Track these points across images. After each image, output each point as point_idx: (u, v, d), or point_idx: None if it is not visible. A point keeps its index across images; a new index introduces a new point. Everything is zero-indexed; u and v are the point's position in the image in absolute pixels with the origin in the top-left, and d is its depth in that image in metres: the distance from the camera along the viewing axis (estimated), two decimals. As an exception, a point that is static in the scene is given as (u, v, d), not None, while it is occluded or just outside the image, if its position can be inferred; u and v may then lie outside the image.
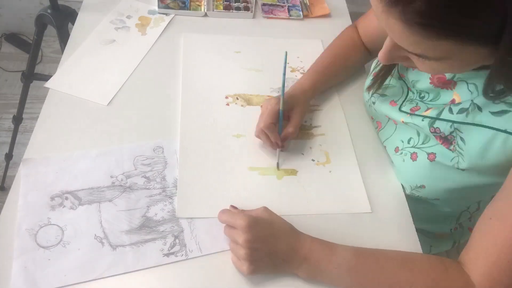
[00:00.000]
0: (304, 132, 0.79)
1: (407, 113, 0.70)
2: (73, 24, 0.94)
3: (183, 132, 0.75)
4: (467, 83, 0.62)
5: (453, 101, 0.64)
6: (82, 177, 0.68)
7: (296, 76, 0.89)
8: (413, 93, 0.72)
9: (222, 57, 0.91)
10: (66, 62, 0.85)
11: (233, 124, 0.78)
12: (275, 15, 1.03)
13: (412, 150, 0.70)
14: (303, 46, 0.96)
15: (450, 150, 0.63)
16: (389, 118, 0.75)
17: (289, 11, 1.04)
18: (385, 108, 0.74)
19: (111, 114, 0.77)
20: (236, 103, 0.82)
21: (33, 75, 1.24)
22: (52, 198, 0.65)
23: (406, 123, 0.70)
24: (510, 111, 0.56)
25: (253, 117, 0.77)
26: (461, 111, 0.61)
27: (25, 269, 0.57)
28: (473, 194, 0.72)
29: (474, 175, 0.62)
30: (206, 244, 0.62)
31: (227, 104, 0.82)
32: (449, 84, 0.66)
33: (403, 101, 0.72)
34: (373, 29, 0.83)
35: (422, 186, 0.69)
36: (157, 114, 0.78)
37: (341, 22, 1.04)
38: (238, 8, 1.02)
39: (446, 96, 0.66)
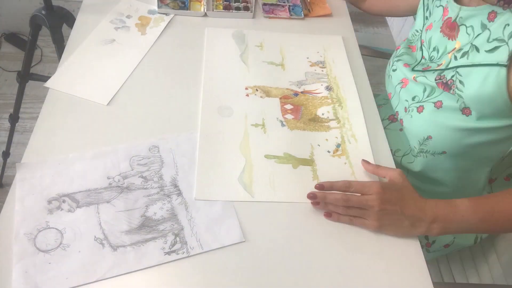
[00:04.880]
0: (321, 124, 0.81)
1: (419, 71, 0.76)
2: (68, 25, 0.93)
3: (204, 120, 0.78)
4: (466, 27, 0.69)
5: (455, 49, 0.71)
6: (79, 179, 0.67)
7: (315, 70, 0.91)
8: (425, 59, 0.80)
9: (242, 50, 0.93)
10: (66, 62, 0.84)
11: (252, 114, 0.80)
12: (276, 14, 1.03)
13: (418, 104, 0.76)
14: (323, 42, 0.98)
15: (451, 94, 0.69)
16: (400, 87, 0.82)
17: (289, 10, 1.04)
18: (400, 69, 0.82)
19: (111, 114, 0.77)
20: (255, 94, 0.84)
21: (29, 75, 1.23)
22: (49, 202, 0.64)
23: (416, 80, 0.76)
24: (501, 45, 0.62)
25: (271, 108, 0.82)
26: (463, 54, 0.68)
27: (25, 274, 0.57)
28: (478, 149, 0.73)
29: (474, 119, 0.67)
30: (207, 241, 0.62)
31: (247, 95, 0.84)
32: (453, 30, 0.72)
33: (416, 65, 0.81)
34: None
35: (429, 137, 0.74)
36: (158, 113, 0.78)
37: (341, 22, 1.04)
38: (238, 8, 1.01)
39: (451, 48, 0.71)
